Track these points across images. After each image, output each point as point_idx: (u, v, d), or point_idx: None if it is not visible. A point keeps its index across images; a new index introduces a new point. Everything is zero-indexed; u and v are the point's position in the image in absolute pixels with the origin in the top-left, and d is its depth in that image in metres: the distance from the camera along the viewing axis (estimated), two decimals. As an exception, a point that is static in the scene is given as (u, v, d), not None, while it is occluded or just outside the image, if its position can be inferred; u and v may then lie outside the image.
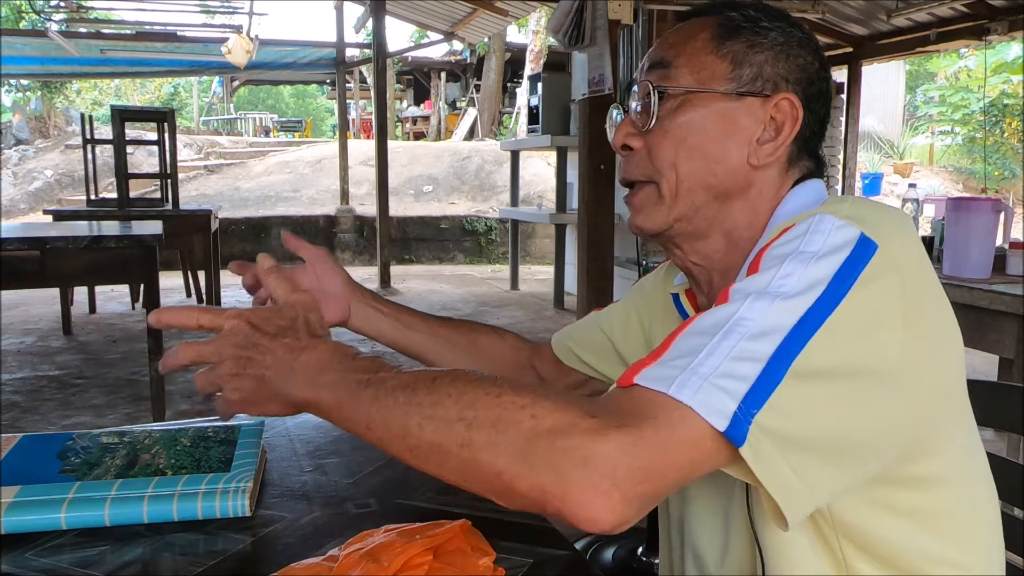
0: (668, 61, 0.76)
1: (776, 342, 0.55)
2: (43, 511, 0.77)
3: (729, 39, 0.75)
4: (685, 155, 0.74)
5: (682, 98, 0.74)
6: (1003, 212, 2.26)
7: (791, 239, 0.62)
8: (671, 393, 0.53)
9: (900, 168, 12.72)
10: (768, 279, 0.59)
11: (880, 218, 0.63)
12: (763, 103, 0.74)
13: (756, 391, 0.53)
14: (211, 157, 12.33)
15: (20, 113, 14.71)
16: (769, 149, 0.74)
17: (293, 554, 0.73)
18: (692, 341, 0.57)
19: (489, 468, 0.54)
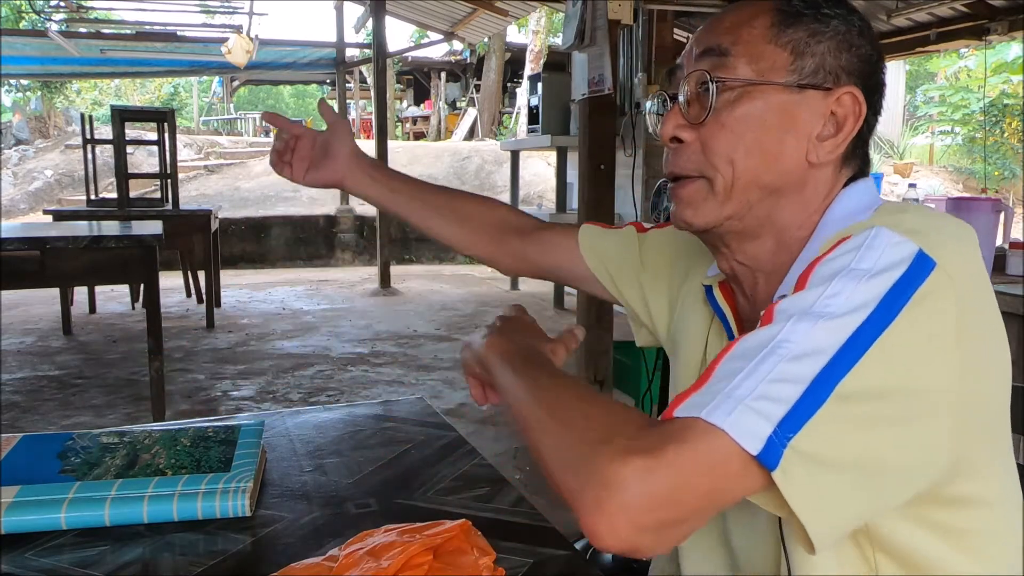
0: (725, 48, 0.71)
1: (820, 364, 0.53)
2: (43, 511, 0.77)
3: (790, 27, 0.70)
4: (743, 151, 0.70)
5: (740, 90, 0.70)
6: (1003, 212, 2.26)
7: (843, 253, 0.60)
8: (703, 416, 0.52)
9: (900, 168, 12.71)
10: (814, 298, 0.57)
11: (942, 232, 0.61)
12: (824, 97, 0.70)
13: (795, 414, 0.51)
14: (211, 157, 12.33)
15: (20, 113, 14.71)
16: (829, 146, 0.70)
17: (293, 554, 0.73)
18: (732, 365, 0.55)
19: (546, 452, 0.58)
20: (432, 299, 6.49)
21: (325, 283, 7.37)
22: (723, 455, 0.51)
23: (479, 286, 7.29)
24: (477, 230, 1.06)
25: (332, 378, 4.05)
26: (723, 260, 0.77)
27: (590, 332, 2.83)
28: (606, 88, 2.65)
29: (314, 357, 4.47)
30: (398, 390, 3.87)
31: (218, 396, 3.73)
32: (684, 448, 0.51)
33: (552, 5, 7.11)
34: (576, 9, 2.72)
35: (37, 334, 4.99)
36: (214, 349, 4.66)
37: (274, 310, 5.93)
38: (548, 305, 6.16)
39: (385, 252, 7.02)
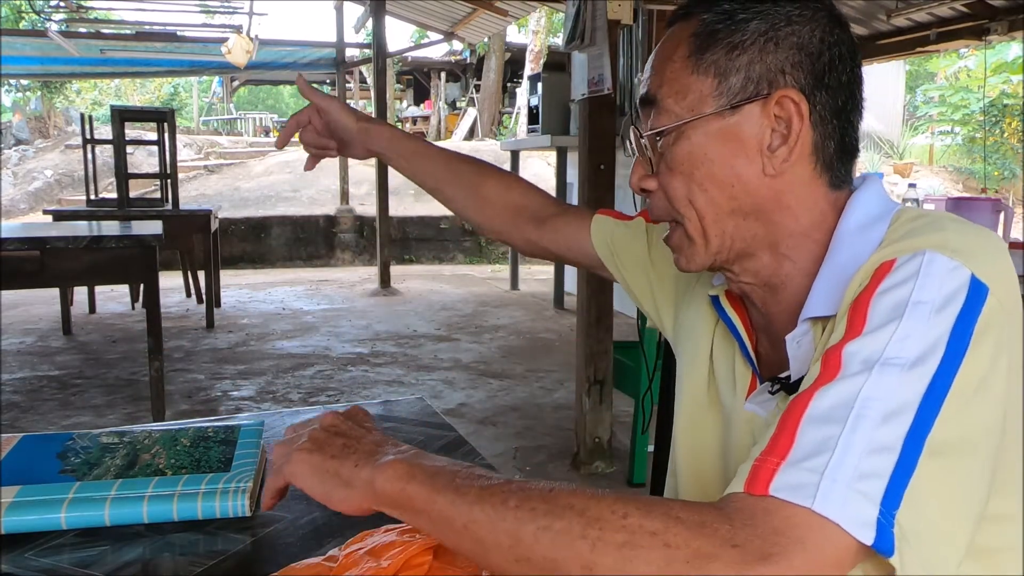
0: (653, 95, 0.71)
1: (907, 423, 0.51)
2: (43, 511, 0.77)
3: (706, 51, 0.68)
4: (697, 189, 0.69)
5: (675, 131, 0.69)
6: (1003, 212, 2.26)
7: (898, 284, 0.57)
8: (816, 508, 0.48)
9: (900, 168, 12.71)
10: (885, 341, 0.54)
11: (986, 251, 0.59)
12: (762, 106, 0.67)
13: (893, 487, 0.49)
14: (211, 157, 12.33)
15: (20, 113, 14.71)
16: (783, 154, 0.67)
17: (293, 554, 0.73)
18: (820, 432, 0.51)
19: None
20: (432, 299, 6.49)
21: (325, 283, 7.37)
22: (842, 550, 0.48)
23: (479, 286, 7.29)
24: (494, 211, 1.05)
25: (332, 378, 4.05)
26: (734, 284, 0.76)
27: (590, 332, 2.83)
28: (606, 88, 2.65)
29: (314, 357, 4.47)
30: (398, 390, 3.87)
31: (218, 396, 3.73)
32: (806, 551, 0.47)
33: (552, 5, 7.11)
34: (576, 9, 2.72)
35: (37, 334, 4.99)
36: (214, 349, 4.66)
37: (274, 310, 5.93)
38: (548, 305, 6.16)
39: (385, 252, 7.02)
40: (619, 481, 2.77)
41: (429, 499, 0.56)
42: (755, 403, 0.75)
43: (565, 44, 2.87)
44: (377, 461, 0.59)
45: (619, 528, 0.49)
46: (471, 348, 4.72)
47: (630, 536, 0.49)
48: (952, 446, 0.52)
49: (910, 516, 0.49)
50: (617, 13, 2.64)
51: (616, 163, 2.84)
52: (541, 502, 0.52)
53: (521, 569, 0.52)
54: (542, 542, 0.50)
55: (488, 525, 0.53)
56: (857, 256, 0.64)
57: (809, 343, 0.68)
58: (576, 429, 2.93)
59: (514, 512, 0.52)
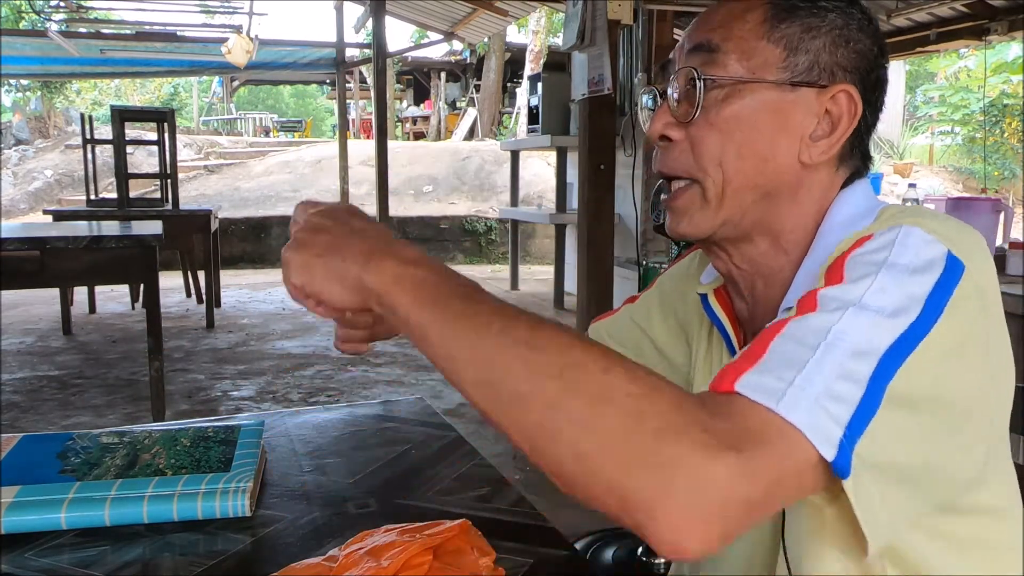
0: (715, 45, 0.68)
1: (873, 364, 0.51)
2: (43, 511, 0.77)
3: (783, 22, 0.67)
4: (733, 152, 0.67)
5: (729, 88, 0.67)
6: (1003, 212, 2.26)
7: (879, 248, 0.58)
8: (780, 411, 0.48)
9: (900, 168, 12.71)
10: (863, 290, 0.55)
11: (964, 239, 0.59)
12: (819, 95, 0.67)
13: (858, 417, 0.49)
14: (211, 157, 12.33)
15: (20, 113, 14.71)
16: (823, 146, 0.68)
17: (293, 554, 0.73)
18: (792, 350, 0.52)
19: (571, 445, 0.46)
20: (432, 299, 6.49)
21: (325, 283, 7.37)
22: (803, 460, 0.48)
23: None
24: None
25: (332, 378, 4.05)
26: (720, 263, 0.75)
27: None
28: (606, 88, 2.65)
29: (314, 357, 4.47)
30: (398, 390, 3.87)
31: (218, 396, 3.73)
32: (772, 452, 0.47)
33: (552, 5, 7.11)
34: (576, 9, 2.72)
35: (37, 334, 4.99)
36: (214, 349, 4.66)
37: (274, 310, 5.93)
38: (548, 305, 6.16)
39: (385, 252, 7.01)
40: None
41: (412, 305, 0.53)
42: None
43: (565, 44, 2.87)
44: (368, 257, 0.56)
45: (598, 379, 0.47)
46: (471, 348, 4.71)
47: (606, 390, 0.47)
48: (914, 401, 0.52)
49: (870, 451, 0.49)
50: (617, 13, 2.65)
51: (616, 163, 2.84)
52: (526, 331, 0.50)
53: (483, 394, 0.50)
54: (514, 372, 0.49)
55: (464, 344, 0.51)
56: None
57: None
58: (576, 429, 2.93)
59: (495, 337, 0.50)
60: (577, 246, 2.94)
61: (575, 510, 2.53)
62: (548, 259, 8.37)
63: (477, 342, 0.50)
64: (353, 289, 0.56)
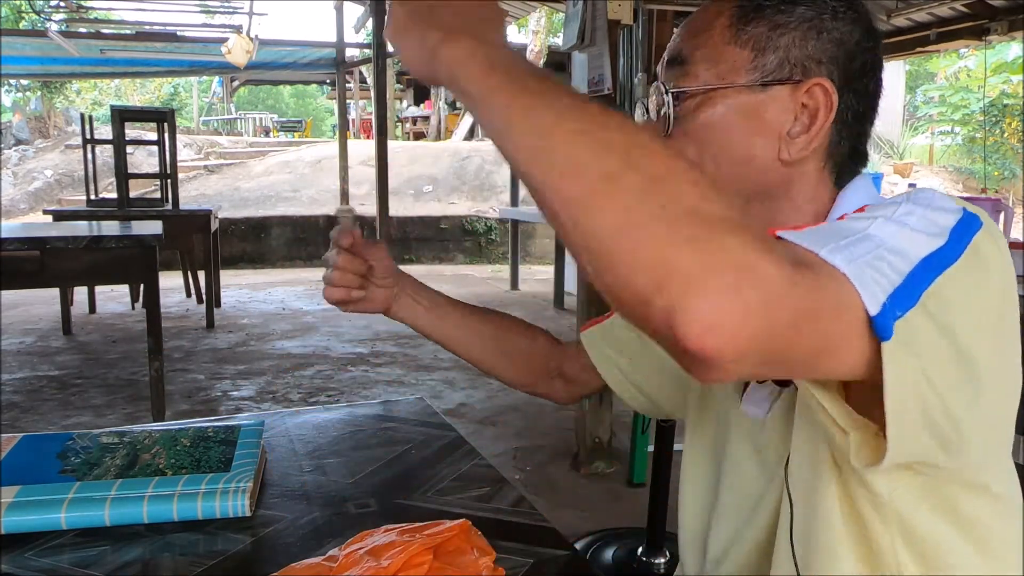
0: (685, 57, 0.69)
1: (910, 264, 0.49)
2: (43, 511, 0.77)
3: (749, 23, 0.67)
4: (709, 160, 0.68)
5: (700, 97, 0.68)
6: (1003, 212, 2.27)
7: (892, 200, 0.56)
8: (824, 255, 0.46)
9: (900, 168, 12.72)
10: (888, 212, 0.53)
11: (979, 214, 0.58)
12: (792, 91, 0.67)
13: (899, 295, 0.47)
14: (211, 157, 12.33)
15: (20, 113, 14.71)
16: (802, 142, 0.67)
17: (293, 554, 0.73)
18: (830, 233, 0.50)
19: (620, 214, 0.42)
20: (432, 299, 6.48)
21: (325, 283, 7.37)
22: (847, 301, 0.45)
23: (479, 286, 7.29)
24: (524, 368, 1.01)
25: (332, 378, 4.05)
26: None
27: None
28: (606, 88, 2.65)
29: (314, 357, 4.47)
30: (398, 390, 3.88)
31: (218, 396, 3.73)
32: (819, 279, 0.45)
33: (552, 5, 7.11)
34: (576, 9, 2.72)
35: (37, 334, 4.99)
36: (214, 349, 4.66)
37: (274, 310, 5.93)
38: (548, 305, 6.16)
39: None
40: (619, 481, 2.77)
41: (481, 75, 0.50)
42: (751, 403, 0.74)
43: (565, 44, 2.87)
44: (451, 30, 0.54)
45: (663, 162, 0.44)
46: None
47: (669, 172, 0.44)
48: (942, 327, 0.50)
49: (907, 334, 0.47)
50: (617, 13, 2.64)
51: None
52: (597, 110, 0.47)
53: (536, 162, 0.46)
54: (576, 143, 0.45)
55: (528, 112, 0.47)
56: None
57: None
58: (576, 429, 2.93)
59: (564, 111, 0.47)
60: (577, 246, 2.94)
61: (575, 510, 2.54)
62: (548, 259, 8.37)
63: (543, 112, 0.47)
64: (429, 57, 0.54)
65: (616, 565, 2.19)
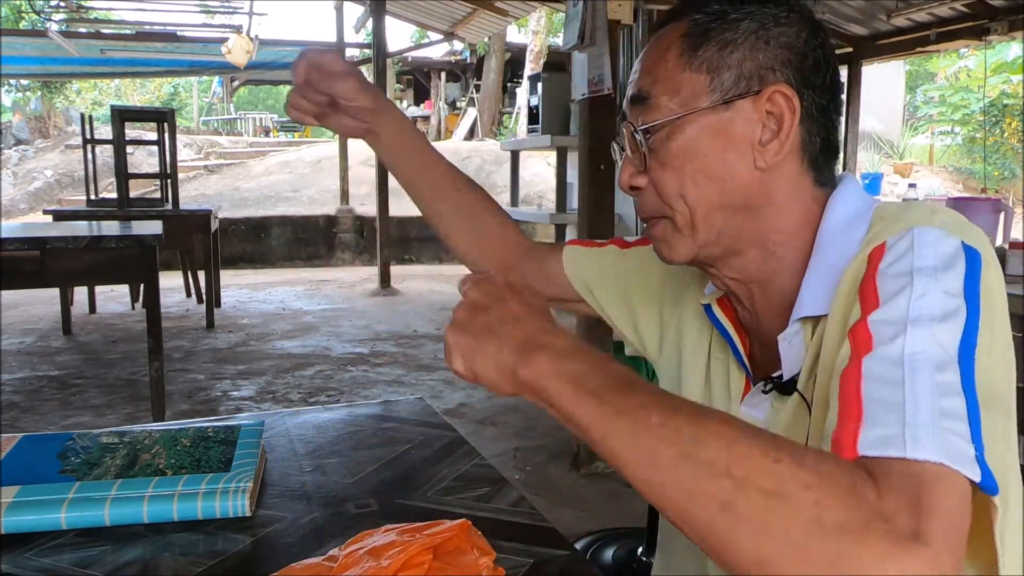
0: (646, 93, 0.72)
1: (957, 369, 0.51)
2: (43, 511, 0.77)
3: (699, 48, 0.70)
4: (690, 183, 0.70)
5: (669, 127, 0.70)
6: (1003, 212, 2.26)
7: (899, 256, 0.59)
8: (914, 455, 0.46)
9: (900, 168, 12.71)
10: (906, 303, 0.55)
11: (964, 224, 0.62)
12: (754, 102, 0.69)
13: (973, 427, 0.49)
14: (211, 157, 12.33)
15: (20, 113, 14.71)
16: (774, 148, 0.69)
17: (293, 554, 0.73)
18: (884, 392, 0.50)
19: (751, 549, 0.44)
20: (432, 299, 6.49)
21: (325, 283, 7.37)
22: (961, 491, 0.46)
23: (479, 286, 7.28)
24: (488, 249, 1.03)
25: (332, 378, 4.05)
26: (715, 280, 0.77)
27: (590, 332, 2.83)
28: (606, 88, 2.64)
29: (314, 357, 4.47)
30: (398, 390, 3.87)
31: (218, 396, 3.73)
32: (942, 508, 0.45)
33: (552, 5, 7.11)
34: (576, 9, 2.72)
35: (37, 334, 4.99)
36: (214, 349, 4.66)
37: (274, 310, 5.93)
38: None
39: (385, 252, 7.02)
40: (619, 481, 2.77)
41: (570, 402, 0.52)
42: (750, 405, 0.76)
43: (565, 44, 2.87)
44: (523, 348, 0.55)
45: (769, 472, 0.45)
46: (471, 348, 4.71)
47: (779, 484, 0.44)
48: (987, 399, 0.52)
49: (991, 459, 0.48)
50: (617, 13, 2.64)
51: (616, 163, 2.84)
52: (687, 423, 0.48)
53: (654, 491, 0.48)
54: (681, 470, 0.46)
55: (626, 441, 0.49)
56: (844, 253, 0.67)
57: (800, 343, 0.69)
58: (576, 429, 2.93)
59: (656, 430, 0.48)
60: (577, 246, 2.93)
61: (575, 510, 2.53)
62: (548, 259, 8.36)
63: (639, 441, 0.48)
64: (509, 380, 0.55)
65: (616, 565, 2.19)
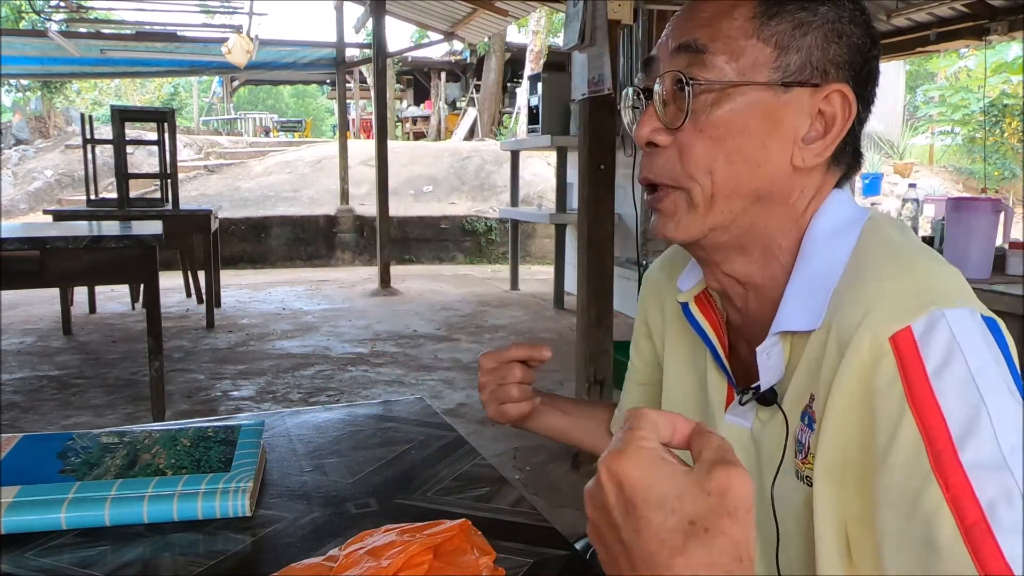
0: (702, 45, 0.64)
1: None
2: (43, 511, 0.77)
3: (773, 18, 0.63)
4: (723, 159, 0.64)
5: (719, 92, 0.63)
6: (1003, 212, 2.26)
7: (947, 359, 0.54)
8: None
9: (900, 168, 12.71)
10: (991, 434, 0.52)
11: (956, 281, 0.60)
12: (811, 95, 0.64)
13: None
14: (211, 157, 12.33)
15: (20, 113, 14.70)
16: (817, 149, 0.65)
17: (293, 554, 0.73)
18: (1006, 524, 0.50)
19: None
20: (432, 299, 6.49)
21: (325, 283, 7.37)
22: None
23: (479, 286, 7.29)
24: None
25: (332, 378, 4.05)
26: (711, 276, 0.72)
27: (590, 332, 2.83)
28: (606, 88, 2.64)
29: (314, 357, 4.47)
30: (398, 390, 3.87)
31: (218, 396, 3.73)
32: None
33: (552, 5, 7.11)
34: (577, 9, 2.72)
35: (37, 334, 4.99)
36: (214, 349, 4.66)
37: (274, 310, 5.93)
38: (548, 305, 6.16)
39: (385, 252, 7.02)
40: (619, 481, 2.77)
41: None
42: (735, 415, 0.72)
43: (565, 44, 2.87)
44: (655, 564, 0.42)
45: None
46: (471, 348, 4.72)
47: None
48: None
49: None
50: (617, 13, 2.64)
51: (616, 163, 2.84)
52: None
53: None
54: None
55: None
56: (828, 266, 0.64)
57: (778, 355, 0.65)
58: (576, 429, 2.93)
59: None
60: (577, 246, 2.94)
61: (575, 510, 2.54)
62: (548, 259, 8.37)
63: None
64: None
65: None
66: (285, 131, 17.76)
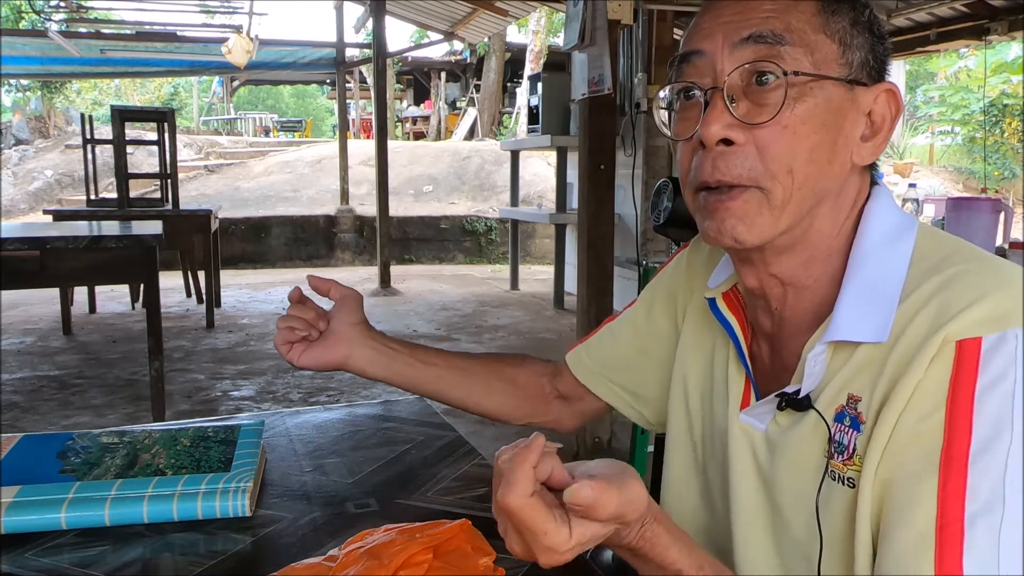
0: (779, 35, 0.61)
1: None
2: (43, 511, 0.77)
3: (836, 13, 0.62)
4: (805, 155, 0.61)
5: (801, 85, 0.61)
6: (1003, 212, 2.26)
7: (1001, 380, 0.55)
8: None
9: (900, 168, 12.71)
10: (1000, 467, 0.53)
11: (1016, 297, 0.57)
12: (865, 93, 0.63)
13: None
14: (211, 157, 12.33)
15: (20, 113, 14.70)
16: (871, 147, 0.64)
17: (293, 554, 0.73)
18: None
19: None
20: (432, 299, 6.49)
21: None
22: None
23: (479, 286, 7.29)
24: (520, 395, 0.97)
25: (332, 378, 4.05)
26: (751, 275, 0.69)
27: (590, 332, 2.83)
28: (606, 88, 2.64)
29: (314, 357, 4.46)
30: (398, 390, 3.87)
31: (218, 396, 3.73)
32: None
33: (552, 5, 7.11)
34: (576, 9, 2.72)
35: (37, 334, 4.99)
36: (214, 349, 4.66)
37: (274, 310, 5.93)
38: (548, 305, 6.16)
39: (385, 252, 7.02)
40: (619, 481, 2.77)
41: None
42: (752, 415, 0.71)
43: (565, 44, 2.87)
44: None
45: None
46: (471, 348, 4.72)
47: None
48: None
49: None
50: (617, 13, 2.64)
51: (616, 163, 2.84)
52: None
53: None
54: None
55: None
56: (886, 274, 0.62)
57: (824, 363, 0.64)
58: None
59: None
60: (577, 246, 2.94)
61: (575, 510, 2.48)
62: (548, 259, 8.37)
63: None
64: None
65: (616, 565, 2.19)
66: (285, 131, 17.76)
